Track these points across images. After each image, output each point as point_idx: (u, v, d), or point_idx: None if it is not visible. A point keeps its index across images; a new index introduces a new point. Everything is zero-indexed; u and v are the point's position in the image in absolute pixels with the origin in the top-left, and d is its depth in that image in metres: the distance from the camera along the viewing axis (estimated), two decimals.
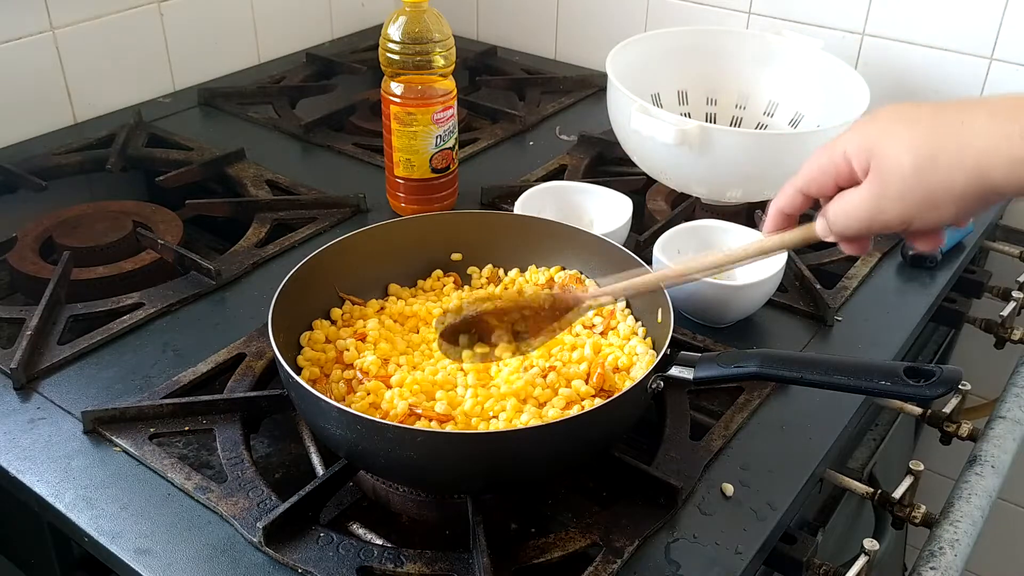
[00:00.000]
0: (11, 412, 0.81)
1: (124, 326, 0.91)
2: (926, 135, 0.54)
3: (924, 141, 0.54)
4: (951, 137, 0.54)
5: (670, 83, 1.24)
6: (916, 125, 0.55)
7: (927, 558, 0.74)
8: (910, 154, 0.55)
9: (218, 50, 1.47)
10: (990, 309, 1.10)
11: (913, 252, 1.04)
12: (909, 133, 0.55)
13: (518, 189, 1.07)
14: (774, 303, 0.96)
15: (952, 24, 1.24)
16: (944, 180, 0.54)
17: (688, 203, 1.11)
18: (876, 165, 0.56)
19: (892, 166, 0.55)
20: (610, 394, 0.75)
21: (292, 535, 0.69)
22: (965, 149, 0.53)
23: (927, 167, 0.54)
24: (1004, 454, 0.85)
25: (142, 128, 1.30)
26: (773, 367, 0.70)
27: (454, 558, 0.67)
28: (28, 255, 1.02)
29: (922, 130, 0.55)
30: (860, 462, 0.98)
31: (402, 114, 1.02)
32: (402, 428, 0.68)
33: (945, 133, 0.54)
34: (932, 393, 0.65)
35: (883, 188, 0.56)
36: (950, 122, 0.54)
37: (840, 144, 0.58)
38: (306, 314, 0.84)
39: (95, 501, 0.72)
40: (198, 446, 0.79)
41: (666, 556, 0.69)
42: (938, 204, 0.55)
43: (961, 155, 0.53)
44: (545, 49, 1.63)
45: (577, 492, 0.76)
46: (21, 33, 1.22)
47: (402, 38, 0.99)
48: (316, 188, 1.16)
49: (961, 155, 0.53)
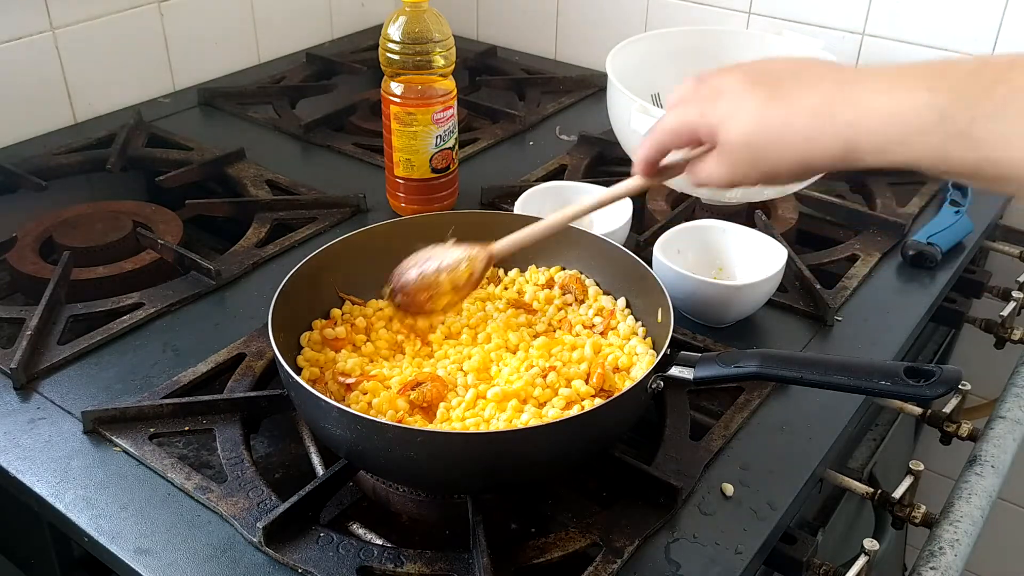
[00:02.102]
0: (11, 412, 0.81)
1: (124, 326, 0.91)
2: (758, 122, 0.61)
3: (756, 127, 0.61)
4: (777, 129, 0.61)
5: (670, 83, 1.22)
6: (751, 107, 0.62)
7: (927, 558, 0.74)
8: (746, 141, 0.62)
9: (218, 50, 1.47)
10: (990, 309, 1.10)
11: (913, 252, 1.04)
12: (745, 120, 0.62)
13: (518, 189, 1.07)
14: (774, 303, 0.96)
15: (952, 24, 1.24)
16: (774, 165, 0.62)
17: (688, 203, 1.11)
18: (720, 145, 0.63)
19: (732, 150, 0.63)
20: (610, 394, 0.75)
21: (292, 535, 0.69)
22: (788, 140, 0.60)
23: (760, 155, 0.62)
24: (1004, 454, 0.85)
25: (142, 128, 1.30)
26: (773, 367, 0.70)
27: (454, 558, 0.67)
28: (28, 255, 1.02)
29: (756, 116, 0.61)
30: (860, 462, 0.98)
31: (402, 114, 1.02)
32: (402, 428, 0.68)
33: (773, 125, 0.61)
34: (932, 393, 0.65)
35: (731, 164, 0.63)
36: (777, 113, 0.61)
37: (691, 115, 0.65)
38: (306, 314, 0.84)
39: (95, 501, 0.72)
40: (198, 446, 0.79)
41: (666, 556, 0.69)
42: (776, 177, 0.63)
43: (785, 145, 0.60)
44: (545, 49, 1.63)
45: (577, 492, 0.76)
46: (21, 33, 1.22)
47: (402, 38, 0.99)
48: (316, 188, 1.16)
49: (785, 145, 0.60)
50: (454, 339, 0.84)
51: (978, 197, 1.15)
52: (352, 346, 0.83)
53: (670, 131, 0.67)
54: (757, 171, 0.63)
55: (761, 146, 0.61)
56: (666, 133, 0.67)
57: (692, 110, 0.65)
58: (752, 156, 0.62)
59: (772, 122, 0.61)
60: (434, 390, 0.74)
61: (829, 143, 0.59)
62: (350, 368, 0.78)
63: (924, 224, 1.09)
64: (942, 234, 1.06)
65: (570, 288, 0.88)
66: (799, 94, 0.60)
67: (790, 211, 1.13)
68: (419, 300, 0.78)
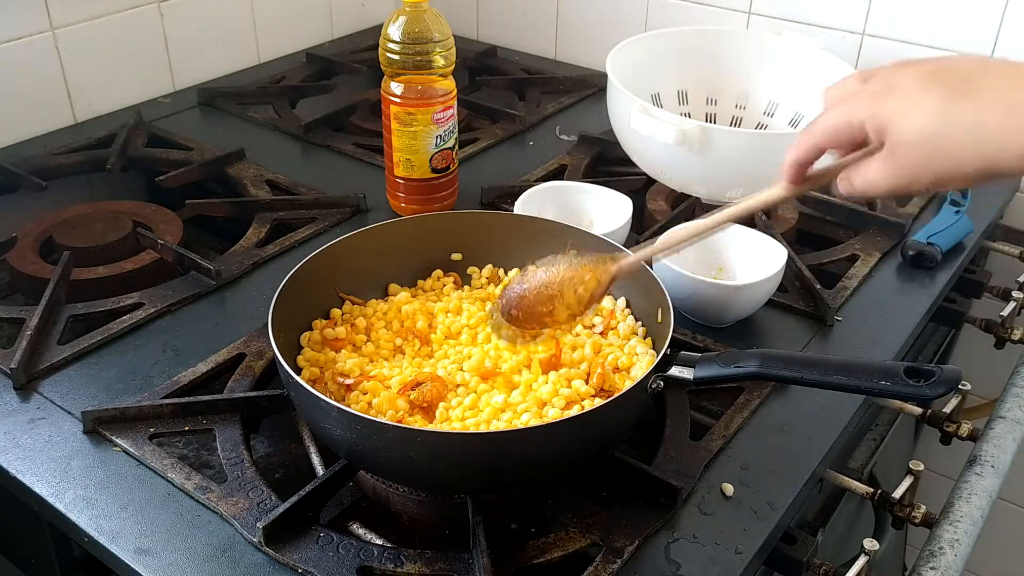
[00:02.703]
0: (11, 412, 0.81)
1: (124, 326, 0.91)
2: (940, 119, 0.56)
3: (937, 125, 0.56)
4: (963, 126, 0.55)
5: (670, 83, 1.24)
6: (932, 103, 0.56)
7: (927, 558, 0.74)
8: (923, 139, 0.56)
9: (218, 50, 1.47)
10: (990, 309, 1.10)
11: (913, 252, 1.04)
12: (924, 117, 0.56)
13: (518, 189, 1.07)
14: (774, 303, 0.96)
15: (952, 24, 1.24)
16: (954, 167, 0.56)
17: (688, 203, 1.11)
18: (890, 145, 0.58)
19: (905, 150, 0.57)
20: (610, 394, 0.75)
21: (292, 535, 0.69)
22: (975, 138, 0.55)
23: (937, 156, 0.56)
24: (1004, 454, 0.85)
25: (142, 128, 1.30)
26: (773, 367, 0.70)
27: (454, 558, 0.67)
28: (28, 255, 1.02)
29: (937, 113, 0.56)
30: (860, 462, 0.98)
31: (402, 114, 1.02)
32: (402, 428, 0.68)
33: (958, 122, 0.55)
34: (932, 393, 0.65)
35: (898, 168, 0.58)
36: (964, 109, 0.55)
37: (858, 112, 0.59)
38: (306, 314, 0.84)
39: (95, 501, 0.72)
40: (198, 446, 0.79)
41: (666, 556, 0.69)
42: (950, 181, 0.57)
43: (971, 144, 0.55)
44: (545, 49, 1.63)
45: (577, 492, 0.76)
46: (21, 33, 1.22)
47: (402, 38, 0.99)
48: (316, 188, 1.16)
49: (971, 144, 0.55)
50: (454, 339, 0.84)
51: (978, 197, 1.15)
52: (352, 346, 0.83)
53: (831, 129, 0.61)
54: (930, 173, 0.57)
55: (942, 145, 0.56)
56: (826, 131, 0.61)
57: (859, 105, 0.59)
58: (929, 156, 0.56)
59: (959, 119, 0.55)
60: (434, 390, 0.74)
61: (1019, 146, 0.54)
62: (349, 368, 0.78)
63: (924, 224, 1.09)
64: (942, 234, 1.06)
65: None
66: (991, 90, 0.55)
67: (790, 211, 1.13)
68: (538, 313, 0.74)
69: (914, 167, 0.57)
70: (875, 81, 0.60)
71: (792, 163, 0.64)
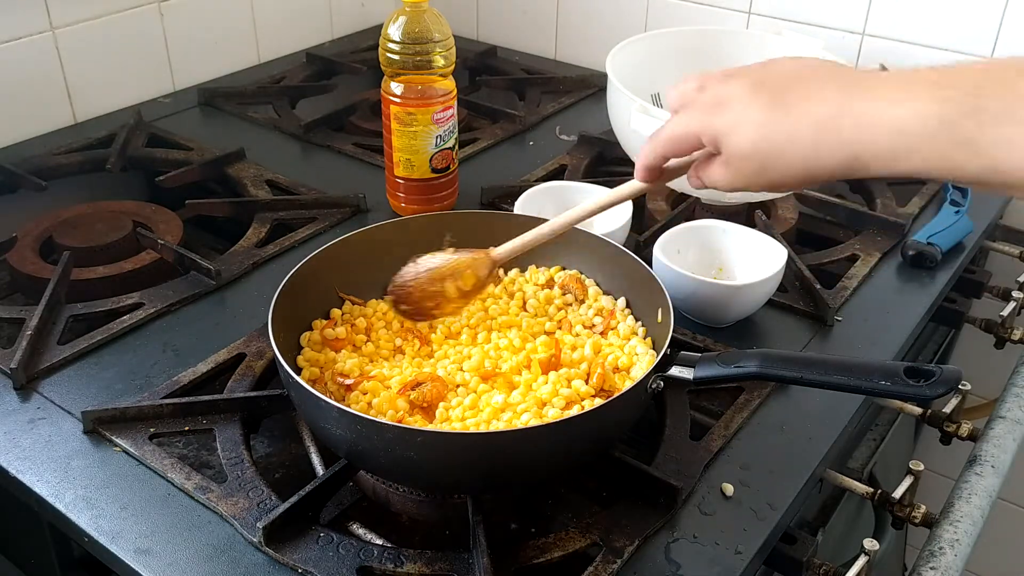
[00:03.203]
0: (11, 412, 0.81)
1: (124, 326, 0.91)
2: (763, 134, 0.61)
3: (761, 141, 0.61)
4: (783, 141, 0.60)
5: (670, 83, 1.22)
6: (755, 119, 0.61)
7: (927, 558, 0.74)
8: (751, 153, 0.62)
9: (218, 50, 1.47)
10: (990, 309, 1.10)
11: (913, 252, 1.04)
12: (749, 133, 0.61)
13: (518, 189, 1.07)
14: (774, 303, 0.96)
15: (952, 24, 1.24)
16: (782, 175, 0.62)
17: (688, 203, 1.11)
18: (725, 155, 0.63)
19: (739, 161, 0.63)
20: (610, 394, 0.75)
21: (292, 535, 0.69)
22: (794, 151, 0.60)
23: (767, 165, 0.62)
24: (1004, 454, 0.85)
25: (142, 128, 1.30)
26: (773, 367, 0.70)
27: (454, 558, 0.67)
28: (28, 255, 1.02)
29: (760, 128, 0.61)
30: (860, 462, 0.98)
31: (402, 114, 1.02)
32: (402, 428, 0.68)
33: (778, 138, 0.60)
34: (932, 393, 0.65)
35: (735, 173, 0.63)
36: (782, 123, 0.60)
37: (693, 125, 0.65)
38: (306, 314, 0.84)
39: (95, 501, 0.72)
40: (198, 446, 0.79)
41: (666, 556, 0.69)
42: (783, 186, 0.63)
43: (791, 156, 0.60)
44: (545, 49, 1.63)
45: (577, 492, 0.76)
46: (21, 33, 1.22)
47: (402, 38, 0.99)
48: (316, 188, 1.16)
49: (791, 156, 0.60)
50: (454, 339, 0.84)
51: (978, 197, 1.15)
52: (352, 346, 0.83)
53: (672, 139, 0.67)
54: (762, 179, 0.63)
55: (766, 157, 0.61)
56: (668, 141, 0.67)
57: (695, 118, 0.65)
58: (757, 166, 0.62)
59: (777, 134, 0.60)
60: (434, 390, 0.74)
61: (835, 155, 0.59)
62: (349, 369, 0.78)
63: (924, 224, 1.09)
64: (942, 234, 1.06)
65: (570, 288, 0.88)
66: (804, 104, 0.60)
67: (790, 211, 1.13)
68: (424, 308, 0.78)
69: (750, 173, 0.63)
70: (708, 93, 0.65)
71: (643, 166, 0.70)
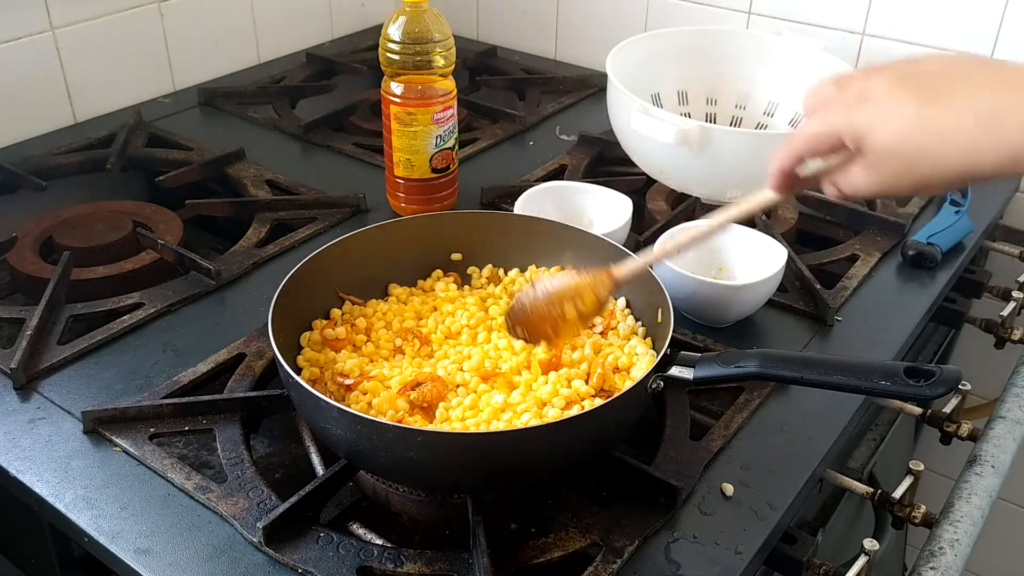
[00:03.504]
0: (11, 412, 0.81)
1: (124, 326, 0.91)
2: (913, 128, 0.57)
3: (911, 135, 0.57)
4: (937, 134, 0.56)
5: (670, 83, 1.24)
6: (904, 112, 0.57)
7: (927, 558, 0.74)
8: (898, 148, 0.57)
9: (218, 50, 1.47)
10: (990, 309, 1.10)
11: (913, 252, 1.04)
12: (897, 127, 0.57)
13: (518, 189, 1.07)
14: (774, 303, 0.96)
15: (952, 24, 1.24)
16: (933, 172, 0.57)
17: (688, 203, 1.11)
18: (868, 154, 0.59)
19: (883, 159, 0.59)
20: (610, 394, 0.75)
21: (292, 535, 0.69)
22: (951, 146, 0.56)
23: (915, 163, 0.57)
24: (1004, 454, 0.85)
25: (142, 128, 1.30)
26: (773, 367, 0.70)
27: (454, 558, 0.67)
28: (28, 255, 1.02)
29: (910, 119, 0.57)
30: (860, 462, 0.98)
31: (402, 114, 1.02)
32: (402, 428, 0.68)
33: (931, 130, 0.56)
34: (932, 393, 0.65)
35: (879, 174, 0.59)
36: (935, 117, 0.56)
37: (835, 122, 0.60)
38: (306, 314, 0.84)
39: (95, 501, 0.72)
40: (198, 446, 0.79)
41: (666, 556, 0.69)
42: (933, 186, 0.59)
43: (946, 151, 0.56)
44: (545, 49, 1.63)
45: (577, 492, 0.76)
46: (21, 33, 1.22)
47: (402, 38, 0.99)
48: (316, 188, 1.16)
49: (946, 151, 0.56)
50: (454, 339, 0.84)
51: (978, 197, 1.15)
52: (352, 346, 0.83)
53: (811, 136, 0.62)
54: (909, 179, 0.58)
55: (915, 153, 0.57)
56: (807, 139, 0.63)
57: (836, 115, 0.60)
58: (904, 163, 0.58)
59: (929, 129, 0.56)
60: (434, 390, 0.74)
61: (997, 150, 0.54)
62: (349, 368, 0.78)
63: (924, 224, 1.09)
64: (942, 234, 1.06)
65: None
66: (960, 97, 0.56)
67: (790, 211, 1.13)
68: (542, 331, 0.76)
69: (894, 173, 0.59)
70: (850, 89, 0.60)
71: (776, 171, 0.65)
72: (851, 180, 0.61)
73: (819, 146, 0.62)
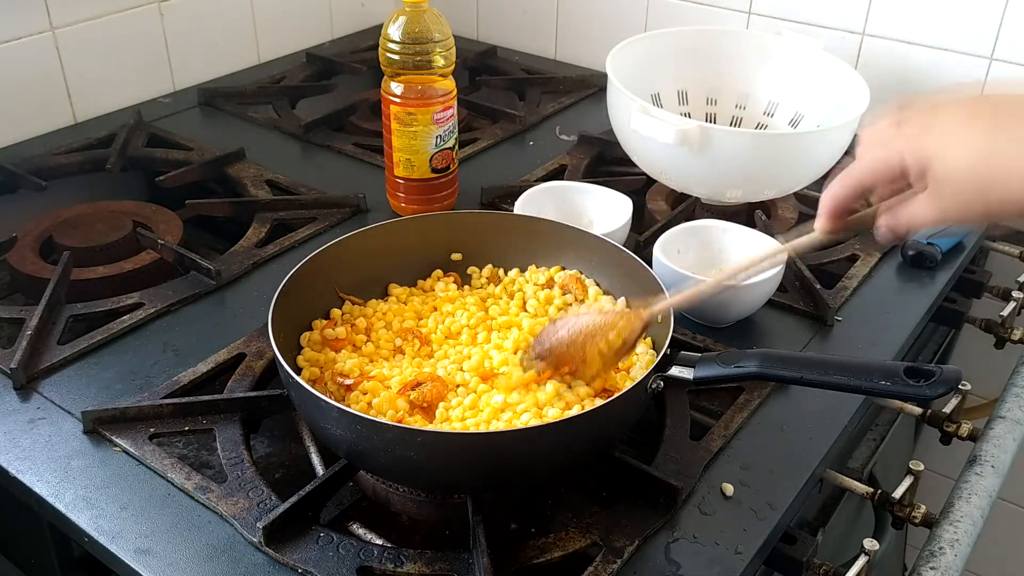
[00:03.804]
0: (11, 412, 0.81)
1: (124, 326, 0.91)
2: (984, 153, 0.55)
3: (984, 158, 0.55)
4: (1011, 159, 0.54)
5: (670, 83, 1.24)
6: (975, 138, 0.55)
7: (927, 558, 0.74)
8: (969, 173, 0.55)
9: (218, 50, 1.47)
10: (990, 309, 1.10)
11: (913, 252, 1.04)
12: (969, 151, 0.55)
13: (518, 189, 1.07)
14: (774, 303, 0.96)
15: (952, 24, 1.24)
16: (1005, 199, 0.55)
17: (688, 203, 1.11)
18: (934, 181, 0.57)
19: (952, 186, 0.56)
20: (610, 394, 0.75)
21: (292, 535, 0.69)
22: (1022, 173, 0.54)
23: (986, 189, 0.55)
24: (1004, 454, 0.85)
25: (142, 128, 1.30)
26: (773, 367, 0.70)
27: (454, 558, 0.67)
28: (28, 255, 1.02)
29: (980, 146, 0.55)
30: (860, 462, 0.98)
31: (402, 114, 1.02)
32: (402, 428, 0.68)
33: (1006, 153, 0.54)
34: (932, 393, 0.65)
35: (945, 203, 0.57)
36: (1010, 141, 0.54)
37: (897, 149, 0.58)
38: (306, 314, 0.84)
39: (95, 501, 0.72)
40: (198, 446, 0.79)
41: (666, 556, 0.69)
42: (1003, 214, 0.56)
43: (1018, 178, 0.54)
44: (545, 49, 1.63)
45: (577, 492, 0.76)
46: (21, 33, 1.22)
47: (402, 38, 0.99)
48: (316, 188, 1.16)
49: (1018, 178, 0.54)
50: (454, 339, 0.84)
51: None
52: (352, 346, 0.83)
53: (868, 170, 0.59)
54: (977, 208, 0.56)
55: (990, 178, 0.54)
56: (864, 172, 0.60)
57: (898, 145, 0.58)
58: (972, 192, 0.55)
59: (1002, 154, 0.54)
60: (434, 390, 0.74)
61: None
62: (349, 368, 0.78)
63: None
64: (942, 234, 1.06)
65: (570, 288, 0.88)
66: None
67: (790, 211, 1.13)
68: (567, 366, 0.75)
69: (963, 201, 0.56)
70: (912, 124, 0.58)
71: (831, 205, 0.63)
72: (912, 212, 0.59)
73: (879, 176, 0.60)
